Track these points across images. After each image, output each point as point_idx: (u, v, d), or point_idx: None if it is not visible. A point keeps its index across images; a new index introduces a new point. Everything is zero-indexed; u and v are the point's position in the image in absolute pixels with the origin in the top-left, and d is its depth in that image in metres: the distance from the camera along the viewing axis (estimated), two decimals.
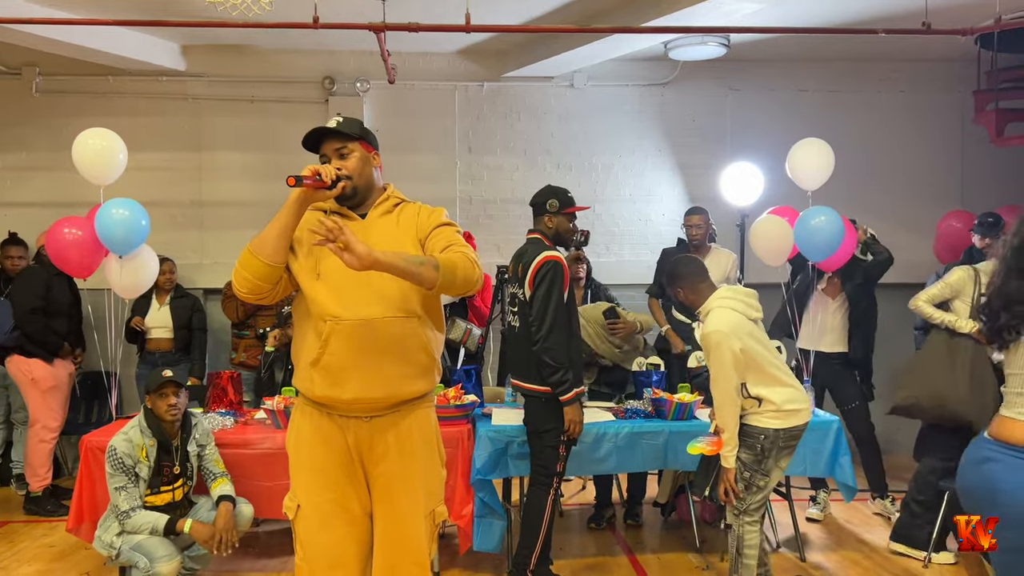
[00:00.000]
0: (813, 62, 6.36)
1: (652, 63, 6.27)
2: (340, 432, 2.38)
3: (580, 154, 6.40)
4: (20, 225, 5.56)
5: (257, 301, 2.36)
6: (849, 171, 4.81)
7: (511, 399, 4.35)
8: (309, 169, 2.28)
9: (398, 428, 2.38)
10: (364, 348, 2.26)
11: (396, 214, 2.43)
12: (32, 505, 4.92)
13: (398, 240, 2.35)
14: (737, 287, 3.37)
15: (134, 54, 5.58)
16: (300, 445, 2.44)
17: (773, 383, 3.23)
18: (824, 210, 4.54)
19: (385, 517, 2.40)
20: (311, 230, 2.15)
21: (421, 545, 2.41)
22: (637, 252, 6.36)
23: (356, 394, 2.30)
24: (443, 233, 2.35)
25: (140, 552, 3.36)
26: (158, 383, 3.51)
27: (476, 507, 3.81)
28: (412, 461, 2.40)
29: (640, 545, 4.36)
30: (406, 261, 2.10)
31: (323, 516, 2.38)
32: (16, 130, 6.00)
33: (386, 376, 2.30)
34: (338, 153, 2.39)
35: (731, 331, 3.15)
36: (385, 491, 2.39)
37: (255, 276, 2.28)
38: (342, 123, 2.41)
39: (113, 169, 4.43)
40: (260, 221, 6.05)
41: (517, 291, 3.58)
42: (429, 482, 2.45)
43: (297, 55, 6.08)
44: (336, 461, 2.38)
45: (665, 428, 3.91)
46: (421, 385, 2.40)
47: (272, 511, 3.83)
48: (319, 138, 2.42)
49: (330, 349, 2.27)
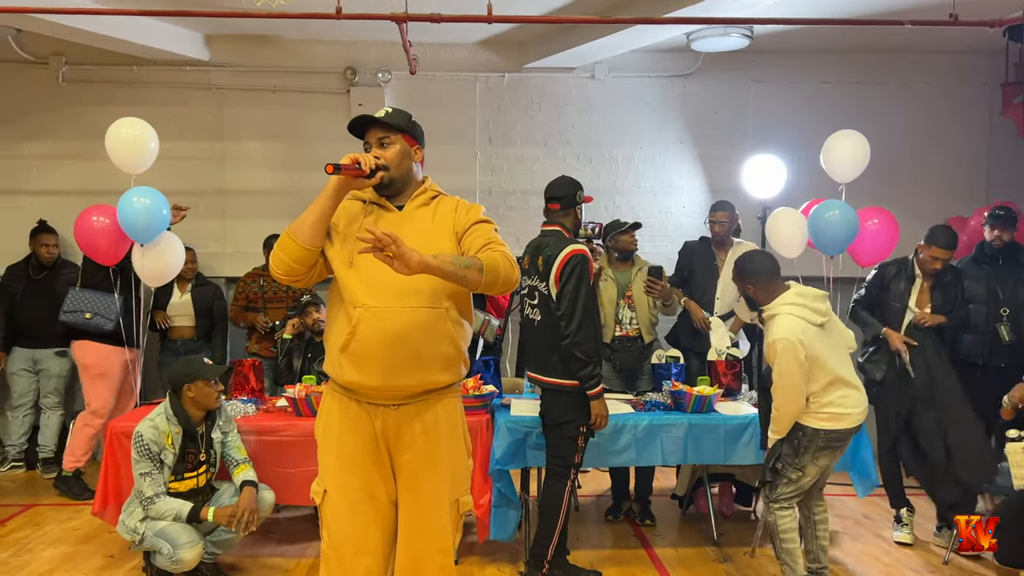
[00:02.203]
0: (836, 53, 6.30)
1: (674, 54, 6.23)
2: (368, 419, 2.41)
3: (600, 145, 6.39)
4: (49, 213, 5.63)
5: (292, 283, 2.42)
6: (872, 164, 4.76)
7: (529, 390, 4.37)
8: (349, 157, 2.33)
9: (424, 417, 2.41)
10: (391, 336, 2.29)
11: (433, 207, 2.46)
12: (62, 485, 5.02)
13: (434, 234, 2.38)
14: (805, 290, 3.36)
15: (159, 44, 5.63)
16: (329, 430, 2.48)
17: (832, 385, 3.28)
18: (837, 204, 4.53)
19: (410, 505, 2.43)
20: (358, 237, 2.18)
21: (445, 533, 2.44)
22: (657, 244, 6.33)
23: (382, 381, 2.34)
24: (481, 231, 2.38)
25: (163, 538, 3.42)
26: (212, 372, 3.56)
27: (493, 497, 3.83)
28: (438, 450, 2.43)
29: (658, 538, 4.37)
30: (453, 265, 2.16)
31: (349, 502, 2.42)
32: (43, 119, 6.07)
33: (412, 365, 2.33)
34: (380, 142, 2.44)
35: (797, 340, 3.19)
36: (411, 479, 2.42)
37: (291, 258, 2.34)
38: (390, 114, 2.46)
39: (145, 158, 4.49)
40: (281, 210, 6.20)
41: (537, 284, 3.58)
42: (455, 471, 2.48)
43: (319, 45, 6.10)
44: (363, 447, 2.42)
45: (685, 421, 3.90)
46: (447, 375, 2.42)
47: (293, 498, 3.88)
48: (365, 125, 2.46)
49: (358, 336, 2.31)
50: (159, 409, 3.60)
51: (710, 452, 3.93)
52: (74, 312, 4.91)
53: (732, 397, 4.31)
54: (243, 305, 5.46)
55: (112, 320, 4.89)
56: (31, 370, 5.48)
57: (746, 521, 4.65)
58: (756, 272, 3.40)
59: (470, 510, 2.56)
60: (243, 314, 5.43)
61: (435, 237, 2.37)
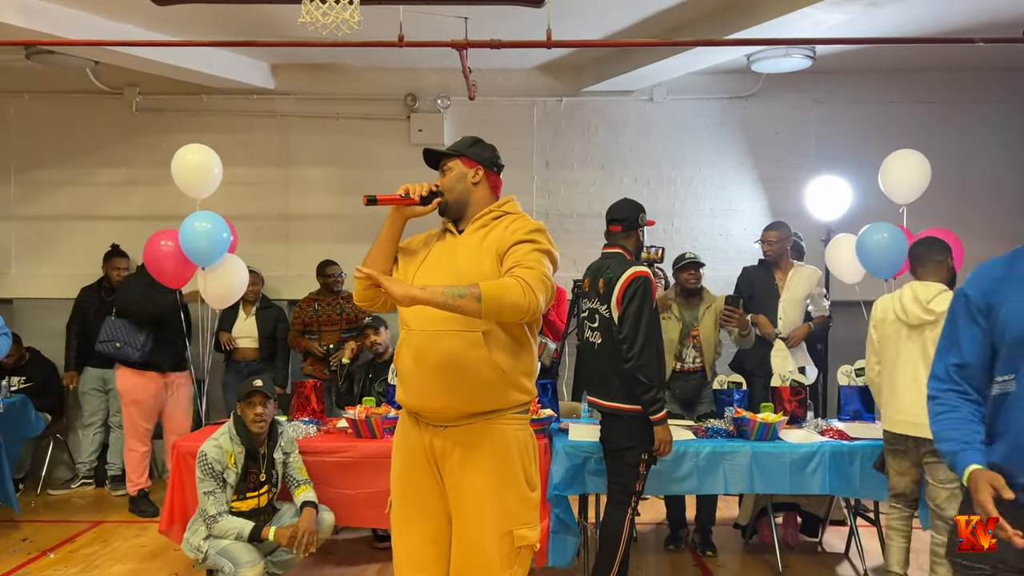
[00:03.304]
0: (903, 73, 6.16)
1: (734, 76, 6.17)
2: (420, 437, 2.45)
3: (659, 167, 6.34)
4: (122, 237, 5.85)
5: (369, 308, 2.54)
6: (943, 185, 4.62)
7: (587, 415, 4.32)
8: (403, 188, 2.42)
9: (467, 441, 2.39)
10: (425, 358, 2.35)
11: (488, 229, 2.45)
12: (131, 504, 5.18)
13: (478, 258, 2.39)
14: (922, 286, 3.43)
15: (227, 73, 5.82)
16: (397, 448, 2.56)
17: (893, 385, 3.46)
18: (885, 227, 4.40)
19: (458, 528, 2.43)
20: (355, 275, 2.32)
21: (490, 564, 2.36)
22: (717, 267, 6.24)
23: (420, 403, 2.41)
24: (515, 252, 2.33)
25: (226, 557, 3.46)
26: (247, 392, 3.62)
27: (551, 523, 3.78)
28: (480, 476, 2.38)
29: (720, 568, 4.25)
30: (444, 295, 2.15)
31: (406, 518, 2.48)
32: (118, 147, 6.31)
33: (444, 388, 2.34)
34: (442, 169, 2.54)
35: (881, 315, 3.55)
36: (456, 502, 2.43)
37: (360, 286, 2.46)
38: (454, 143, 2.56)
39: (209, 183, 4.61)
40: (342, 234, 6.32)
41: (598, 307, 3.55)
42: (505, 501, 2.39)
43: (381, 73, 6.22)
44: (418, 465, 2.47)
45: (748, 448, 3.81)
46: (488, 401, 2.37)
47: (352, 519, 3.90)
48: (435, 157, 2.57)
49: (401, 357, 2.42)
50: (223, 429, 3.66)
51: (776, 481, 3.82)
52: (107, 342, 5.06)
53: (797, 424, 4.19)
54: (300, 330, 5.56)
55: (137, 350, 5.00)
56: (101, 389, 5.66)
57: (812, 553, 4.50)
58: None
59: (534, 545, 2.44)
60: (299, 339, 5.53)
61: (478, 261, 2.37)
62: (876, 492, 3.86)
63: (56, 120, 6.30)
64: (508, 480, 2.41)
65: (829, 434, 4.02)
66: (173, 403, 5.15)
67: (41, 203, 6.32)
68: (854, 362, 4.47)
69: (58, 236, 6.31)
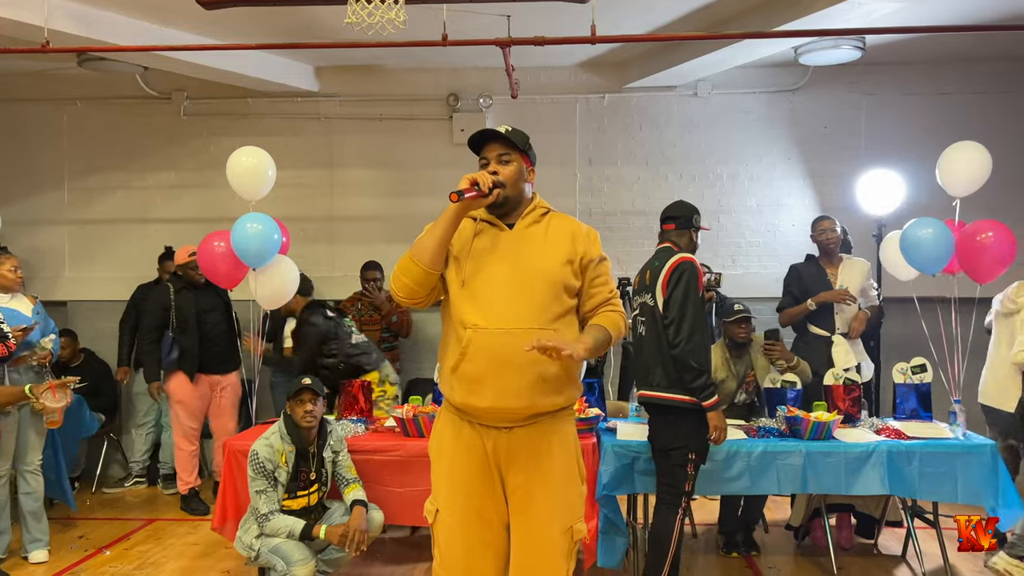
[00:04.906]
0: (955, 63, 6.00)
1: (780, 69, 6.07)
2: (480, 440, 2.40)
3: (704, 163, 6.26)
4: (174, 239, 5.93)
5: (413, 304, 2.46)
6: (999, 178, 4.46)
7: (635, 414, 4.28)
8: (467, 179, 2.32)
9: (537, 441, 2.38)
10: (500, 358, 2.29)
11: (545, 224, 2.44)
12: (182, 503, 5.26)
13: (547, 252, 2.38)
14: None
15: (272, 76, 5.89)
16: (442, 451, 2.48)
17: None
18: (929, 221, 4.27)
19: (521, 529, 2.39)
20: (525, 349, 2.21)
21: (556, 561, 2.38)
22: (764, 264, 6.15)
23: (491, 403, 2.33)
24: (604, 282, 2.47)
25: (278, 555, 3.49)
26: (296, 389, 3.64)
27: (600, 523, 3.75)
28: (550, 475, 2.39)
29: (772, 571, 4.17)
30: (595, 341, 2.34)
31: (460, 523, 2.41)
32: (167, 151, 6.43)
33: (521, 387, 2.31)
34: (500, 159, 2.43)
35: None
36: (522, 503, 2.39)
37: (414, 281, 2.37)
38: (511, 132, 2.44)
39: (263, 185, 4.65)
40: (387, 234, 6.32)
41: (645, 299, 3.51)
42: (567, 497, 2.42)
43: (423, 73, 6.24)
44: (475, 469, 2.41)
45: (801, 448, 3.73)
46: (558, 399, 2.39)
47: (401, 517, 3.91)
48: (482, 140, 2.46)
49: (468, 357, 2.31)
50: (274, 428, 3.69)
51: (830, 481, 3.73)
52: (170, 360, 5.12)
53: (852, 424, 4.10)
54: None
55: (194, 361, 5.09)
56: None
57: (868, 555, 4.39)
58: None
59: (584, 537, 2.49)
60: None
61: (548, 255, 2.37)
62: (936, 493, 3.76)
63: (107, 126, 6.44)
64: (570, 476, 2.45)
65: (885, 433, 3.92)
66: (219, 404, 5.23)
67: (94, 207, 6.46)
68: (910, 359, 4.36)
69: (111, 239, 6.44)
